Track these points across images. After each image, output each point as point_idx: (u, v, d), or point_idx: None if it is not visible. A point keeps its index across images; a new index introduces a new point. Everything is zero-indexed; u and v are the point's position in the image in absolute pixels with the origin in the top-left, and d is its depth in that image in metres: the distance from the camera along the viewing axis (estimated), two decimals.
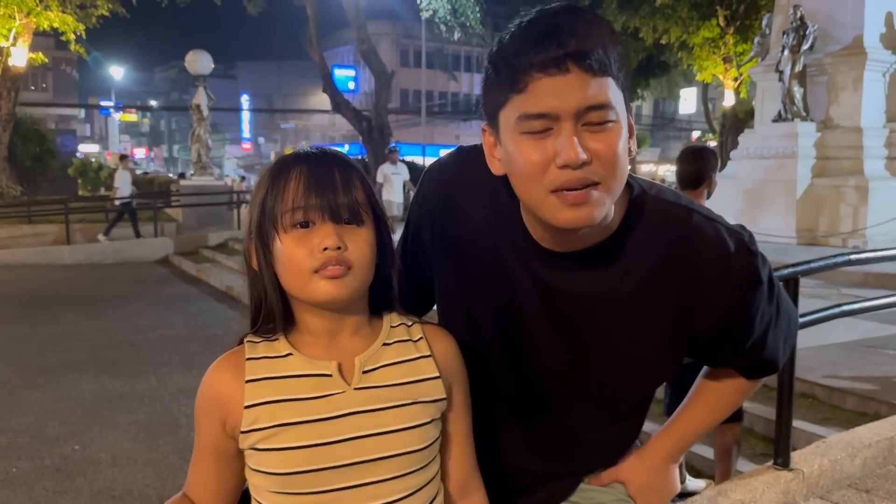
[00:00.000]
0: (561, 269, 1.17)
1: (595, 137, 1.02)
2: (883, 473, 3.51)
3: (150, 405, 5.57)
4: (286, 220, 1.07)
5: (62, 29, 19.19)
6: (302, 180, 1.07)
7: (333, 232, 1.06)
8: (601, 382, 1.22)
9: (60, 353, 7.21)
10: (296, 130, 65.35)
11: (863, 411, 4.39)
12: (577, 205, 1.03)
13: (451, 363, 1.20)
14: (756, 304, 1.17)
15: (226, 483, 1.16)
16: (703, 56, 23.67)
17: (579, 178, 1.02)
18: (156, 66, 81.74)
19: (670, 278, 1.14)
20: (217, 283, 11.54)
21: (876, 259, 4.10)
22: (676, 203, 1.18)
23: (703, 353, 1.26)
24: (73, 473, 4.28)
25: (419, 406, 1.12)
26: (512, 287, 1.21)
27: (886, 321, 6.20)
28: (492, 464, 1.29)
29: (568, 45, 0.99)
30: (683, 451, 1.40)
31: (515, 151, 1.06)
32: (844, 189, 11.40)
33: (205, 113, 17.75)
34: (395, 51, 50.83)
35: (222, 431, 1.12)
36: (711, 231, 1.15)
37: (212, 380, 1.13)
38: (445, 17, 22.46)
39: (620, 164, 1.05)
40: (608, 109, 1.02)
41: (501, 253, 1.21)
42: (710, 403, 1.37)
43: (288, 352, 1.12)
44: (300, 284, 1.08)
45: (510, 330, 1.23)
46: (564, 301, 1.18)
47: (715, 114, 29.96)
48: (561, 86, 1.00)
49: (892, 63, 12.04)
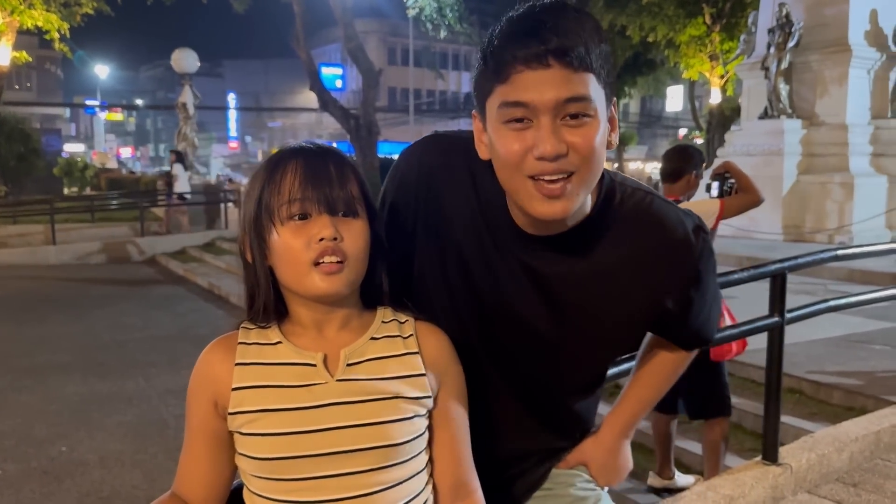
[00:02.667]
0: (543, 252, 1.24)
1: (573, 131, 1.09)
2: (870, 467, 3.53)
3: (138, 406, 5.54)
4: (283, 213, 1.09)
5: (46, 27, 19.03)
6: (298, 173, 1.10)
7: (330, 223, 1.08)
8: (580, 350, 1.32)
9: (47, 354, 7.16)
10: (283, 129, 65.16)
11: (849, 406, 4.43)
12: (553, 198, 1.11)
13: (441, 361, 1.20)
14: (709, 278, 1.30)
15: (217, 474, 1.16)
16: (690, 54, 23.77)
17: (555, 168, 1.09)
18: (141, 65, 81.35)
19: (641, 256, 1.24)
20: (204, 282, 11.49)
21: (861, 255, 4.13)
22: (640, 188, 1.29)
23: (664, 323, 1.34)
24: (61, 475, 4.25)
25: (400, 401, 1.13)
26: (495, 269, 1.27)
27: (872, 316, 6.25)
28: (485, 449, 1.30)
29: (550, 42, 1.06)
30: (634, 427, 1.50)
31: (497, 140, 1.13)
32: (830, 185, 11.49)
33: (191, 112, 17.70)
34: (382, 49, 50.77)
35: (214, 411, 1.13)
36: (672, 213, 1.27)
37: (205, 360, 1.16)
38: (432, 15, 22.45)
39: (596, 157, 1.12)
40: (586, 103, 1.09)
41: (484, 237, 1.27)
42: (653, 378, 1.47)
43: (278, 340, 1.14)
44: (297, 277, 1.10)
45: (493, 310, 1.29)
46: (548, 281, 1.26)
47: (701, 111, 30.09)
48: (541, 79, 1.07)
49: (876, 60, 12.13)
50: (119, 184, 25.87)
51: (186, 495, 1.16)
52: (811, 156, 11.88)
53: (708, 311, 1.35)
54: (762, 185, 3.90)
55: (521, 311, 1.27)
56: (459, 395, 1.23)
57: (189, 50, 17.90)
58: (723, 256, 8.46)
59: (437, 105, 53.50)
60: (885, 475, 3.44)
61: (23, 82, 54.09)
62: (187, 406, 1.17)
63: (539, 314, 1.27)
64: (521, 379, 1.33)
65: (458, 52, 51.76)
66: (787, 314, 3.16)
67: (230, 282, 11.20)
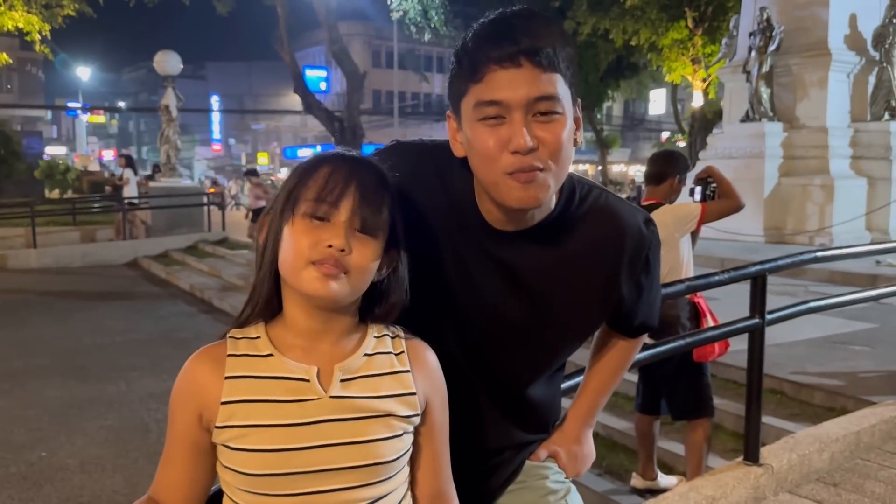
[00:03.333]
0: (511, 245, 1.32)
1: (542, 127, 1.16)
2: (850, 467, 3.56)
3: (119, 410, 5.49)
4: (305, 208, 1.09)
5: (27, 29, 18.81)
6: (334, 178, 1.10)
7: (344, 234, 1.08)
8: (547, 337, 1.39)
9: (26, 358, 7.08)
10: (267, 131, 64.84)
11: (830, 406, 4.47)
12: (527, 183, 1.17)
13: (430, 379, 1.21)
14: (657, 265, 1.42)
15: (197, 482, 1.15)
16: (672, 57, 23.91)
17: (528, 163, 1.16)
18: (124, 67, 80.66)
19: (599, 247, 1.34)
20: (187, 286, 11.41)
21: (841, 256, 4.17)
22: (595, 187, 1.39)
23: (618, 311, 1.43)
24: (40, 481, 4.21)
25: (392, 419, 1.13)
26: (466, 264, 1.33)
27: (852, 317, 6.31)
28: (458, 445, 1.32)
29: (521, 43, 1.13)
30: (595, 416, 1.61)
31: (474, 137, 1.19)
32: (811, 188, 11.59)
33: (174, 114, 17.55)
34: (366, 51, 50.67)
35: (198, 423, 1.11)
36: (625, 208, 1.37)
37: (191, 370, 1.13)
38: (416, 18, 22.42)
39: (564, 151, 1.20)
40: (555, 101, 1.16)
41: (455, 235, 1.33)
42: (607, 368, 1.58)
43: (269, 352, 1.12)
44: (294, 269, 1.09)
45: (464, 304, 1.35)
46: (517, 271, 1.33)
47: (684, 114, 30.26)
48: (513, 78, 1.14)
49: (856, 64, 12.26)
50: (101, 186, 25.65)
51: (164, 501, 1.15)
52: (792, 158, 11.99)
53: (654, 298, 1.47)
54: (744, 187, 3.94)
55: (492, 302, 1.34)
56: (444, 411, 1.24)
57: (172, 52, 17.74)
58: (704, 258, 8.54)
59: (422, 108, 53.47)
60: (864, 475, 3.47)
61: (3, 84, 53.54)
62: (170, 414, 1.15)
63: (509, 302, 1.34)
64: (493, 373, 1.39)
65: (442, 55, 51.75)
66: (767, 315, 3.18)
67: (213, 285, 11.14)
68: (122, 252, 15.00)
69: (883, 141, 11.87)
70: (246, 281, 10.60)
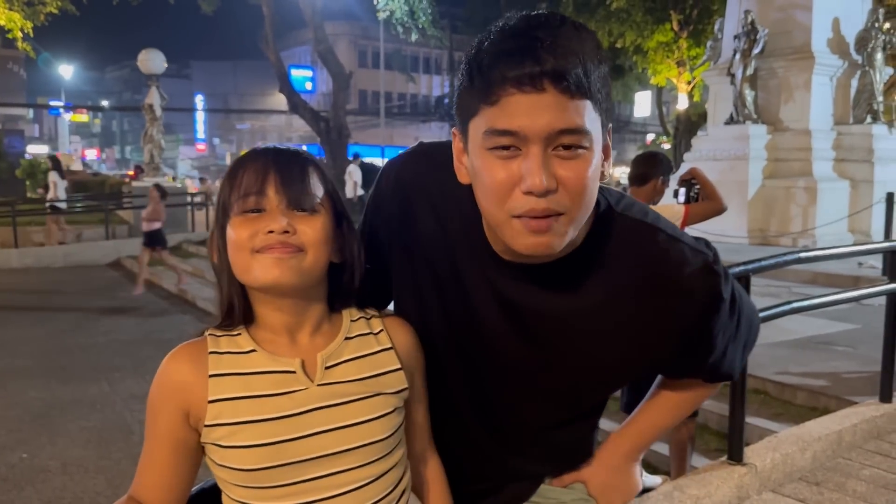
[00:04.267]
0: (520, 282, 1.15)
1: (564, 164, 0.99)
2: (832, 466, 3.59)
3: (102, 411, 5.44)
4: (237, 207, 1.08)
5: (9, 27, 18.65)
6: (257, 170, 1.08)
7: (281, 216, 1.06)
8: (557, 388, 1.23)
9: (7, 358, 7.00)
10: (252, 131, 64.59)
11: (813, 406, 4.50)
12: (539, 232, 1.01)
13: (411, 353, 1.22)
14: (718, 323, 1.17)
15: (180, 481, 1.14)
16: (658, 60, 24.06)
17: (543, 207, 0.99)
18: (107, 66, 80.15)
19: (632, 298, 1.13)
20: (170, 286, 11.33)
21: (824, 257, 4.19)
22: (642, 221, 1.16)
23: (663, 368, 1.28)
24: (21, 482, 4.16)
25: (381, 397, 1.14)
26: (468, 293, 1.20)
27: (835, 318, 6.36)
28: (452, 466, 1.30)
29: (546, 63, 0.94)
30: (643, 450, 1.40)
31: (482, 168, 1.02)
32: (794, 190, 11.68)
33: (158, 113, 17.43)
34: (352, 51, 50.58)
35: (184, 422, 1.10)
36: (676, 252, 1.13)
37: (171, 369, 1.11)
38: (402, 18, 22.43)
39: (588, 193, 1.02)
40: (581, 135, 0.98)
41: (459, 259, 1.20)
42: (668, 404, 1.37)
43: (251, 348, 1.12)
44: (244, 266, 1.07)
45: (465, 335, 1.22)
46: (522, 313, 1.16)
47: (669, 117, 30.45)
48: (534, 104, 0.96)
49: (839, 67, 12.37)
50: (84, 186, 25.44)
51: (145, 501, 1.14)
52: (776, 161, 12.08)
53: (724, 353, 1.23)
54: (728, 189, 3.97)
55: (491, 338, 1.20)
56: (424, 377, 1.26)
57: (156, 51, 17.63)
58: None
59: (408, 108, 53.43)
60: (846, 474, 3.50)
61: None
62: (150, 413, 1.13)
63: (510, 344, 1.19)
64: (492, 407, 1.27)
65: (428, 55, 51.79)
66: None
67: (197, 286, 11.06)
68: (105, 252, 14.87)
69: (865, 144, 11.99)
70: None
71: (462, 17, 30.32)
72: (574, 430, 1.31)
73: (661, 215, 1.21)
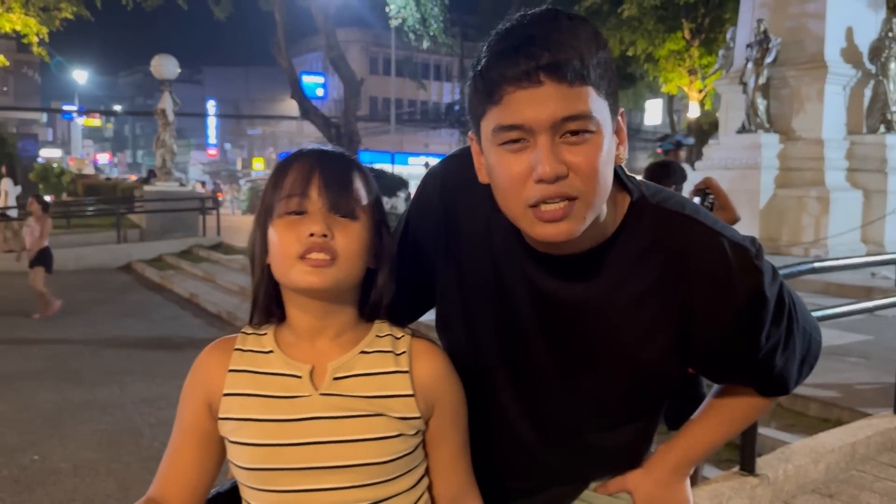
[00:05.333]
0: (553, 274, 1.15)
1: (573, 150, 1.01)
2: (845, 478, 3.56)
3: (113, 414, 5.46)
4: (281, 208, 1.09)
5: (24, 32, 18.83)
6: (302, 171, 1.10)
7: (322, 220, 1.07)
8: (598, 389, 1.20)
9: (19, 361, 7.04)
10: (263, 136, 64.85)
11: (825, 417, 4.47)
12: (555, 220, 1.02)
13: (435, 381, 1.16)
14: (760, 322, 1.13)
15: (203, 474, 1.15)
16: (669, 68, 24.01)
17: (555, 192, 1.01)
18: (120, 71, 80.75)
19: (668, 291, 1.12)
20: (181, 290, 11.38)
21: (837, 268, 4.19)
22: (679, 212, 1.14)
23: (704, 368, 1.23)
24: (32, 484, 4.18)
25: (383, 419, 1.10)
26: (506, 290, 1.20)
27: (847, 329, 6.32)
28: (492, 467, 1.28)
29: (540, 58, 0.97)
30: (692, 465, 1.34)
31: (495, 164, 1.05)
32: (806, 199, 11.62)
33: (170, 118, 17.53)
34: (364, 58, 50.74)
35: (207, 412, 1.14)
36: (715, 244, 1.11)
37: (201, 361, 1.16)
38: (414, 25, 22.50)
39: (601, 176, 1.03)
40: (586, 120, 1.00)
41: (497, 255, 1.20)
42: (720, 417, 1.31)
43: (271, 349, 1.14)
44: (284, 269, 1.09)
45: (507, 335, 1.21)
46: (557, 306, 1.16)
47: (680, 125, 30.37)
48: (535, 98, 0.99)
49: (852, 77, 12.32)
50: (96, 190, 25.60)
51: (166, 497, 1.14)
52: (788, 170, 12.02)
53: (770, 359, 1.17)
54: (739, 198, 3.97)
55: (530, 339, 1.19)
56: (456, 414, 1.20)
57: (169, 56, 17.73)
58: None
59: (419, 115, 53.54)
60: (860, 486, 3.47)
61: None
62: (180, 404, 1.17)
63: (543, 342, 1.18)
64: (535, 408, 1.24)
65: (439, 62, 51.91)
66: None
67: (207, 290, 11.11)
68: (116, 256, 14.95)
69: (879, 154, 11.92)
70: (240, 287, 10.57)
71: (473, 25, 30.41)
72: (620, 435, 1.27)
73: (701, 208, 1.19)
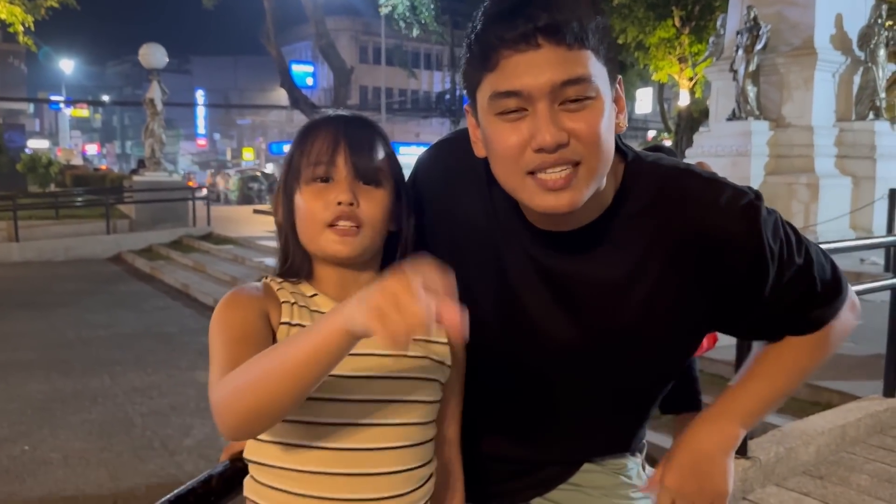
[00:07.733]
0: (556, 250, 1.12)
1: (573, 116, 0.97)
2: (835, 460, 3.59)
3: (103, 404, 5.45)
4: (308, 174, 1.11)
5: (10, 21, 18.60)
6: (328, 139, 1.11)
7: (349, 188, 1.09)
8: (604, 367, 1.17)
9: (9, 352, 7.01)
10: (252, 126, 64.53)
11: (815, 401, 4.49)
12: (557, 190, 0.99)
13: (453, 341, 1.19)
14: (779, 260, 1.08)
15: None
16: (659, 56, 23.98)
17: (556, 159, 0.97)
18: (108, 60, 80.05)
19: (674, 250, 1.08)
20: (172, 280, 11.34)
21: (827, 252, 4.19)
22: (674, 167, 1.12)
23: (733, 327, 1.17)
24: (23, 474, 4.16)
25: (429, 361, 1.13)
26: (509, 272, 1.17)
27: None
28: (487, 446, 1.28)
29: (538, 19, 0.94)
30: (746, 427, 1.25)
31: (491, 133, 1.02)
32: (796, 186, 11.67)
33: (159, 108, 17.41)
34: (354, 47, 50.51)
35: (265, 321, 1.07)
36: (713, 192, 1.08)
37: (243, 290, 1.12)
38: (404, 13, 22.41)
39: (603, 143, 1.00)
40: (586, 84, 0.97)
41: (497, 238, 1.17)
42: (771, 368, 1.20)
43: (314, 293, 1.14)
44: (312, 236, 1.11)
45: (509, 316, 1.18)
46: (563, 283, 1.13)
47: (670, 113, 30.38)
48: (532, 62, 0.95)
49: (841, 64, 12.34)
50: (84, 180, 25.43)
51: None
52: (778, 157, 12.06)
53: (799, 290, 1.11)
54: None
55: (535, 316, 1.16)
56: (462, 371, 1.23)
57: (157, 45, 17.60)
58: None
59: (409, 104, 53.37)
60: (850, 468, 3.50)
61: None
62: (223, 325, 1.05)
63: (549, 319, 1.15)
64: (548, 388, 1.21)
65: (430, 51, 51.70)
66: None
67: (198, 280, 11.07)
68: (106, 246, 14.88)
69: (867, 140, 11.97)
70: (231, 276, 10.54)
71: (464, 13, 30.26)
72: (621, 416, 1.26)
73: (695, 165, 1.17)
